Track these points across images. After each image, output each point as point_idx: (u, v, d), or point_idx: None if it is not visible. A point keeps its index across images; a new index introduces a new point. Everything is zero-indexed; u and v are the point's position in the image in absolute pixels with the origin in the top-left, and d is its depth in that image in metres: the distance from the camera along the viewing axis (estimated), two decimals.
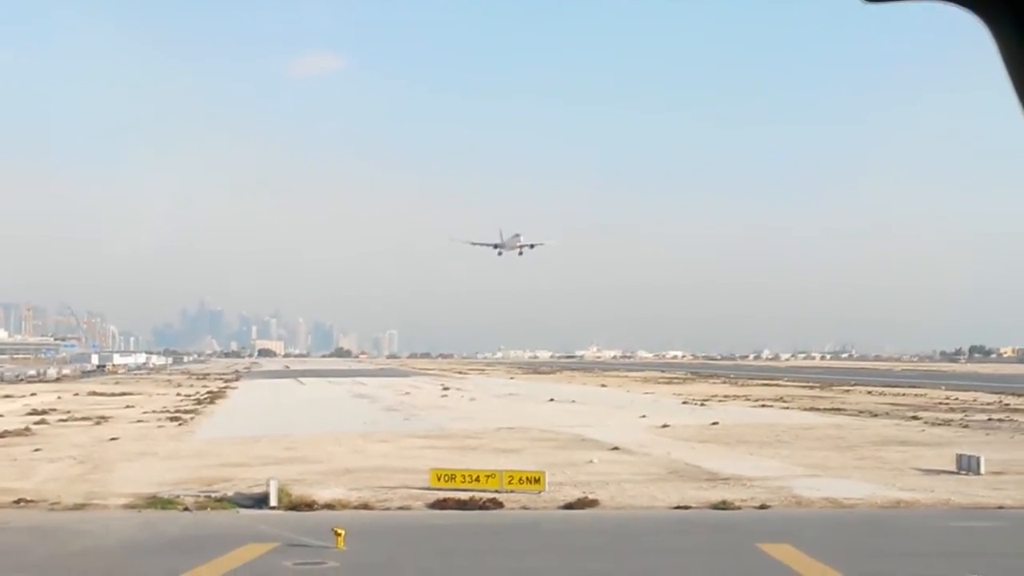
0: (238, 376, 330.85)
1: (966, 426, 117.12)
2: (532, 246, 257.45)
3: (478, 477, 67.08)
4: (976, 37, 2.97)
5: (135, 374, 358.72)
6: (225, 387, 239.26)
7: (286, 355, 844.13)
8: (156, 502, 63.09)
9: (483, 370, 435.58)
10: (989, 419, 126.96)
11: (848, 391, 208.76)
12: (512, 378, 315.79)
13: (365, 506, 62.72)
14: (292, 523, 56.00)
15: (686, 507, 62.09)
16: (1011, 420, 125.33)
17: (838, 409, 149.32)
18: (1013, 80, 2.86)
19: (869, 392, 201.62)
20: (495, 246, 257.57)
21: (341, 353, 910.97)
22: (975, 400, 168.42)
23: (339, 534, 49.00)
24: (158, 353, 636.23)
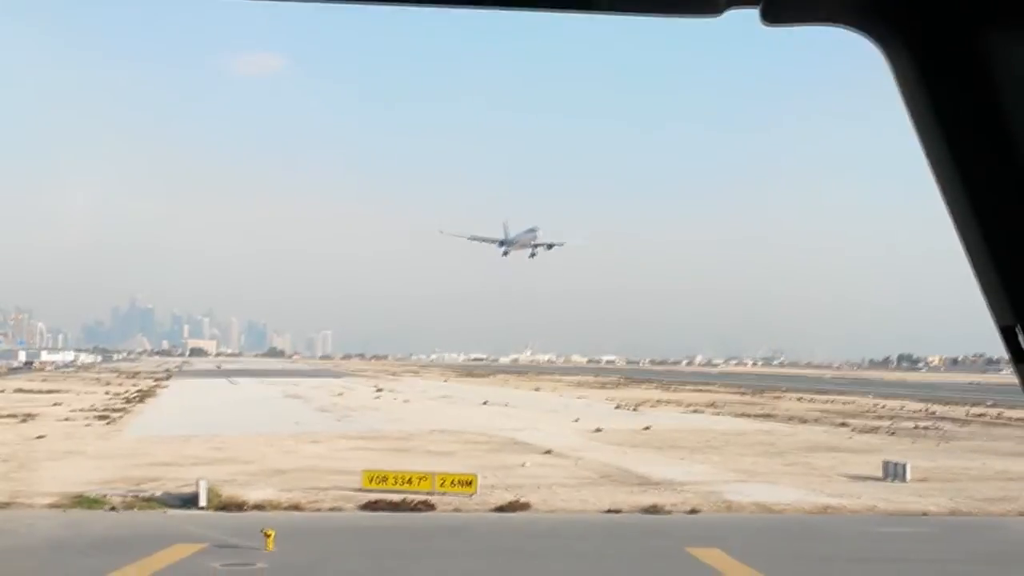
0: (169, 375, 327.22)
1: (893, 433, 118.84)
2: (550, 246, 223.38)
3: (410, 479, 66.96)
4: (872, 59, 3.08)
5: (63, 372, 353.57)
6: (156, 386, 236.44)
7: (219, 355, 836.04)
8: (82, 501, 62.31)
9: (417, 372, 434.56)
10: (915, 427, 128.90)
11: (778, 397, 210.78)
12: (446, 380, 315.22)
13: (296, 507, 62.39)
14: (221, 524, 55.59)
15: (617, 511, 62.43)
16: (937, 428, 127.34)
17: (768, 415, 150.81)
18: (907, 103, 2.95)
19: (799, 399, 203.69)
20: (501, 243, 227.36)
21: (274, 353, 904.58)
22: (902, 408, 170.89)
23: (269, 535, 48.75)
24: (88, 351, 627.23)
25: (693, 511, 62.54)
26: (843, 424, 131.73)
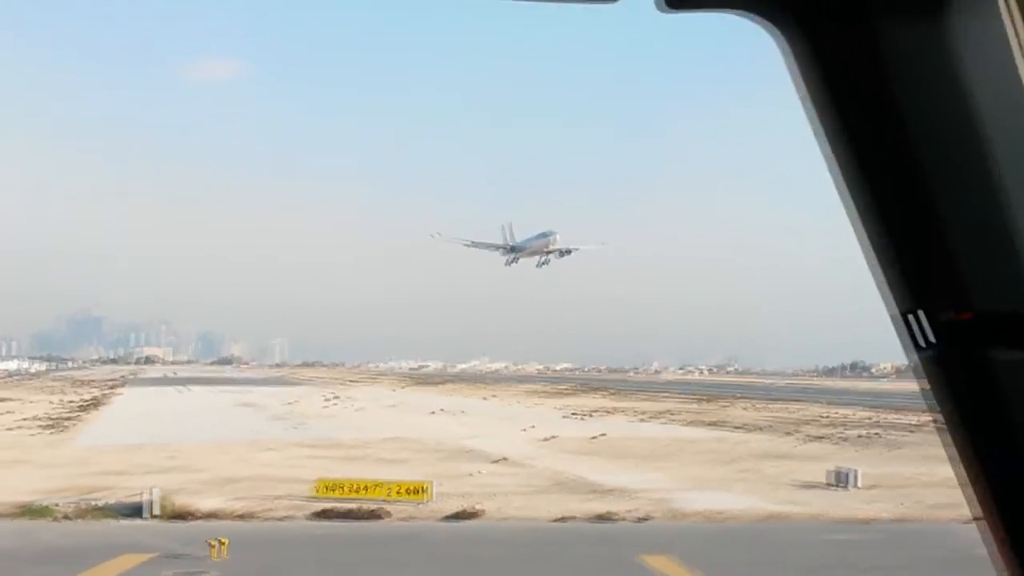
0: (122, 383, 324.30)
1: (844, 440, 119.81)
2: (567, 251, 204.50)
3: (363, 487, 66.86)
4: (772, 48, 3.09)
5: (13, 379, 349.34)
6: (108, 394, 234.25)
7: (172, 362, 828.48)
8: (30, 511, 61.70)
9: (372, 380, 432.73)
10: (866, 434, 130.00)
11: (731, 405, 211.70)
12: (401, 388, 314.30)
13: (249, 516, 62.14)
14: (173, 533, 55.30)
15: (570, 519, 62.63)
16: (886, 435, 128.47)
17: (720, 423, 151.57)
18: (810, 93, 3.05)
19: (751, 406, 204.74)
20: (509, 249, 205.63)
21: (228, 361, 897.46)
22: (853, 415, 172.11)
23: (218, 544, 48.54)
24: (40, 359, 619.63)
25: (645, 519, 62.88)
26: (794, 431, 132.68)
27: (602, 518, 62.54)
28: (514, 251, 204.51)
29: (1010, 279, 3.05)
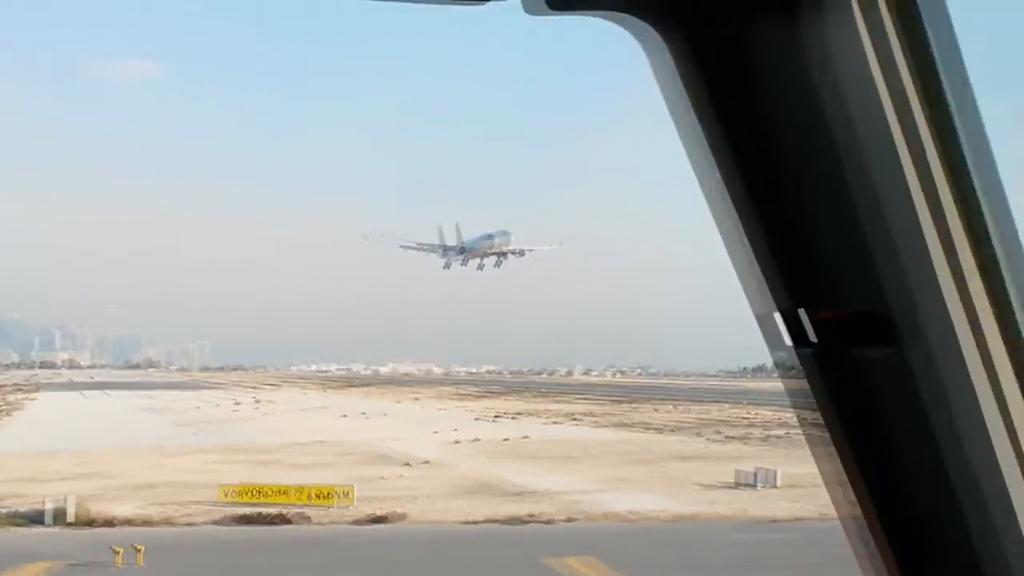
0: (35, 388, 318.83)
1: (765, 440, 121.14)
2: (522, 252, 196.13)
3: (282, 491, 66.37)
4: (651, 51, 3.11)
5: None
6: (19, 399, 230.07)
7: (91, 366, 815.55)
8: None
9: (295, 383, 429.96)
10: (787, 433, 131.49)
11: (653, 407, 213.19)
12: (323, 391, 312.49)
13: (164, 522, 61.40)
14: (85, 540, 54.40)
15: (490, 521, 62.65)
16: (809, 434, 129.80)
17: (642, 424, 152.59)
18: (688, 94, 3.06)
19: (673, 407, 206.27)
20: (459, 251, 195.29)
21: (148, 364, 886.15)
22: (776, 416, 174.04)
23: (123, 551, 47.86)
24: None
25: (564, 520, 63.05)
26: (716, 432, 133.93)
27: (522, 520, 62.61)
28: (461, 252, 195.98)
29: (882, 279, 3.11)
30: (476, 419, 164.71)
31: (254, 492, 66.14)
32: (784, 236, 3.16)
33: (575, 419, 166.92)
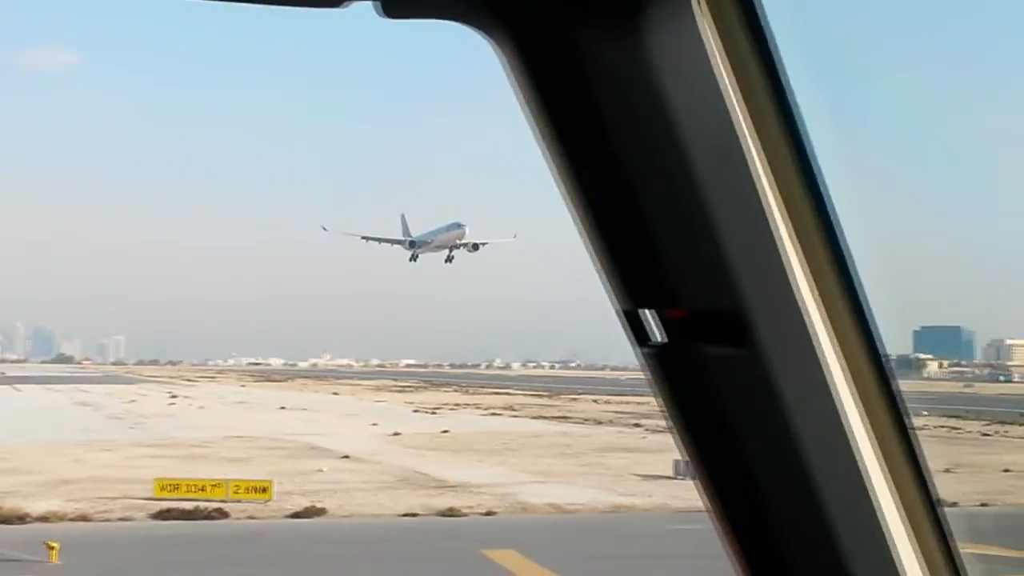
0: None
1: None
2: (476, 246, 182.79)
3: (204, 487, 65.72)
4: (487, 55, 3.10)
5: None
6: None
7: (1, 361, 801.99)
8: None
9: (214, 377, 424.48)
10: None
11: (575, 399, 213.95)
12: (243, 386, 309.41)
13: (83, 518, 60.43)
14: (1, 538, 53.37)
15: (414, 515, 62.59)
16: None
17: (565, 417, 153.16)
18: (526, 99, 3.07)
19: (595, 400, 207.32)
20: (411, 244, 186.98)
21: (63, 359, 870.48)
22: None
23: (52, 548, 47.06)
24: None
25: (489, 513, 63.18)
26: (637, 424, 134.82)
27: (447, 513, 62.61)
28: (411, 246, 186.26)
29: (730, 277, 3.16)
30: (400, 412, 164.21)
31: (171, 487, 65.45)
32: (629, 236, 3.22)
33: (503, 412, 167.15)
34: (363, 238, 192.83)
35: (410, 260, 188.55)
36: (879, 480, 3.45)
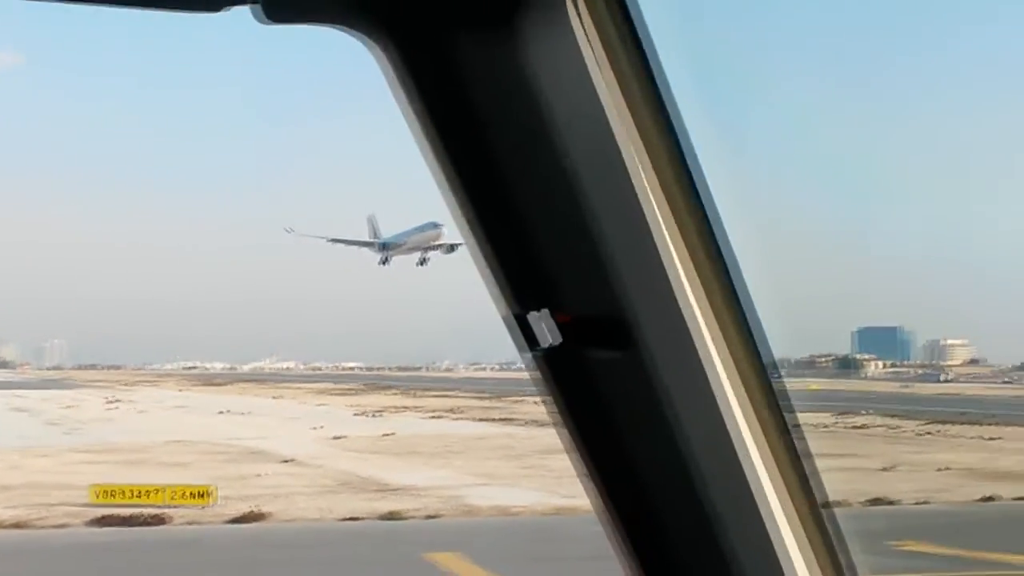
0: None
1: None
2: (453, 247, 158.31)
3: (142, 492, 65.07)
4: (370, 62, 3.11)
5: None
6: None
7: None
8: None
9: (154, 382, 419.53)
10: None
11: (519, 401, 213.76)
12: (184, 390, 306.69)
13: (17, 525, 59.58)
14: None
15: (356, 519, 62.33)
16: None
17: (508, 419, 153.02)
18: (410, 105, 3.08)
19: (536, 403, 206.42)
20: (382, 246, 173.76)
21: (2, 364, 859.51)
22: None
23: None
24: None
25: (433, 516, 63.07)
26: None
27: (389, 517, 62.42)
28: (383, 248, 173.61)
29: (614, 281, 3.19)
30: (344, 415, 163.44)
31: (110, 493, 64.74)
32: (514, 241, 3.28)
33: (447, 414, 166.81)
34: (330, 240, 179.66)
35: (380, 264, 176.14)
36: (764, 479, 3.49)
